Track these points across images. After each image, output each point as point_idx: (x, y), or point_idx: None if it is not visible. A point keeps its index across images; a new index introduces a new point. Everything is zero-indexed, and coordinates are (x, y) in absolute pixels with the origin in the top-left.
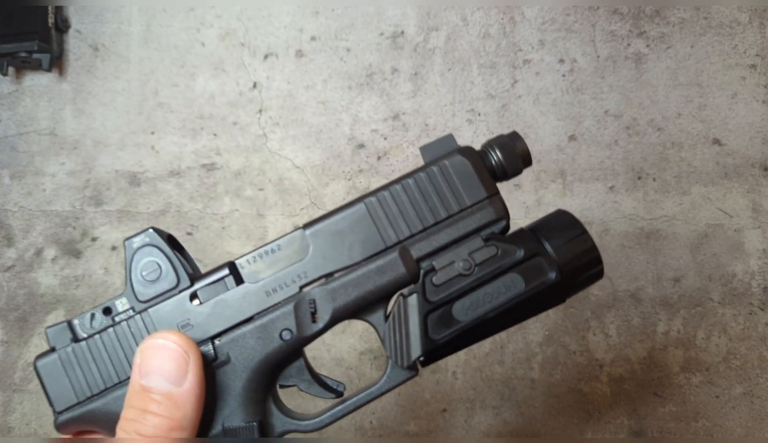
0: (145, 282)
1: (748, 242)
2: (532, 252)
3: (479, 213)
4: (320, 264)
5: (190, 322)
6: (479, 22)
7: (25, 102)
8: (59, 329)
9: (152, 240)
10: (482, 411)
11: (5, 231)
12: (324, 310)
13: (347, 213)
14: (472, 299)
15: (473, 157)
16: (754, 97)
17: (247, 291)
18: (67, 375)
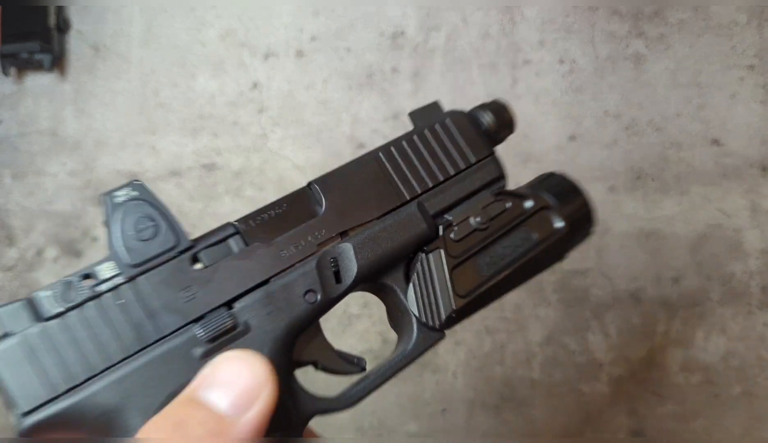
0: (136, 243)
1: (746, 242)
2: (541, 205)
3: (485, 169)
4: (336, 221)
5: (194, 289)
6: (479, 22)
7: (27, 102)
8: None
9: (141, 193)
10: (482, 411)
11: (7, 231)
12: (347, 269)
13: (358, 166)
14: (492, 253)
15: (471, 117)
16: (752, 98)
17: (258, 251)
18: (31, 364)
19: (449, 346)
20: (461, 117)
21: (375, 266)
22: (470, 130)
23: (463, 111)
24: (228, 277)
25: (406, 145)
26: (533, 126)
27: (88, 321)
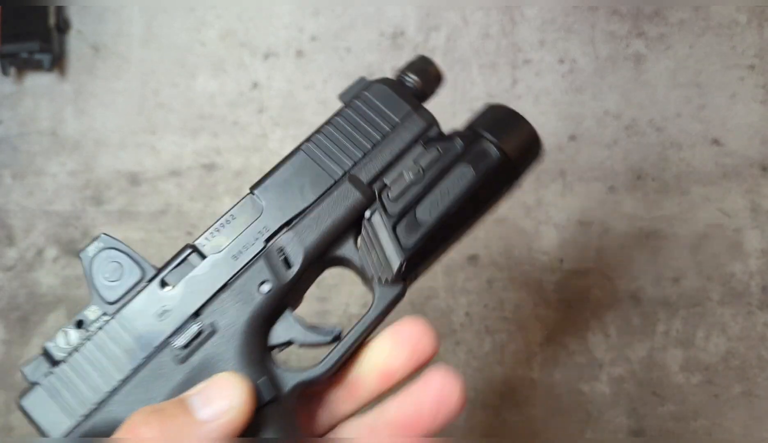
0: (110, 284)
1: (747, 242)
2: (471, 140)
3: (410, 124)
4: (278, 215)
5: (166, 308)
6: (479, 22)
7: (27, 102)
8: (35, 363)
9: (106, 243)
10: (482, 411)
11: (6, 231)
12: (295, 253)
13: (289, 163)
14: (431, 199)
15: (389, 82)
16: (752, 98)
17: (214, 261)
18: (55, 402)
19: (449, 346)
20: (380, 85)
21: (320, 244)
22: (390, 94)
23: (386, 78)
24: (192, 291)
25: (331, 127)
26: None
27: (88, 357)
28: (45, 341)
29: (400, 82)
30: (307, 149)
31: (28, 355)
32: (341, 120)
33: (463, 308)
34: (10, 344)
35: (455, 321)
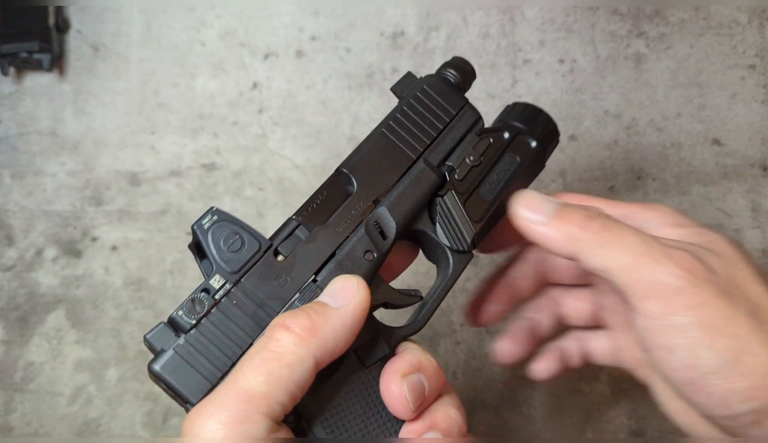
0: (232, 254)
1: (747, 242)
2: (514, 133)
3: (464, 117)
4: (369, 192)
5: (284, 276)
6: (479, 22)
7: (26, 102)
8: (159, 331)
9: (221, 215)
10: (482, 411)
11: (6, 231)
12: (388, 226)
13: (372, 143)
14: (490, 181)
15: (441, 77)
16: (753, 98)
17: (320, 233)
18: (191, 365)
19: (449, 346)
20: (434, 80)
21: (407, 217)
22: (443, 88)
23: (433, 74)
24: (305, 260)
25: (400, 115)
26: None
27: (216, 323)
28: (173, 310)
29: (443, 78)
30: (383, 133)
31: (27, 355)
32: (408, 109)
33: (463, 308)
34: (10, 344)
35: (455, 321)
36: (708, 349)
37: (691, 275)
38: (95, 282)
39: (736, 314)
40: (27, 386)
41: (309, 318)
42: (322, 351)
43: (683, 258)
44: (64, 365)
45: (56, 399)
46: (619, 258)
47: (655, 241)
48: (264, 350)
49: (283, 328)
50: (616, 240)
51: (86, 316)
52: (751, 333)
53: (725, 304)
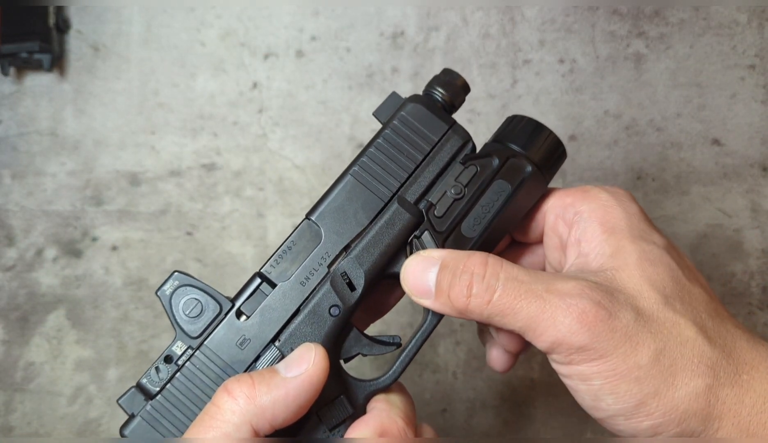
0: (191, 319)
1: (747, 242)
2: (505, 157)
3: (448, 143)
4: (337, 241)
5: (246, 337)
6: (479, 22)
7: (26, 102)
8: (130, 395)
9: (181, 280)
10: (482, 411)
11: (6, 231)
12: (357, 276)
13: (339, 189)
14: (474, 215)
15: (422, 100)
16: (752, 98)
17: (284, 289)
18: (156, 430)
19: (449, 346)
20: (415, 104)
21: (378, 265)
22: (425, 113)
23: (418, 95)
24: (268, 319)
25: (375, 150)
26: None
27: (180, 388)
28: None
29: (429, 98)
30: (355, 174)
31: (27, 355)
32: (383, 142)
33: None
34: (10, 344)
35: (455, 321)
36: (610, 396)
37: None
38: (95, 282)
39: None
40: (27, 386)
41: (251, 385)
42: (258, 419)
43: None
44: (64, 365)
45: (56, 399)
46: (516, 322)
47: (551, 293)
48: (205, 416)
49: (225, 392)
50: (508, 310)
51: (86, 316)
52: (656, 376)
53: (627, 350)
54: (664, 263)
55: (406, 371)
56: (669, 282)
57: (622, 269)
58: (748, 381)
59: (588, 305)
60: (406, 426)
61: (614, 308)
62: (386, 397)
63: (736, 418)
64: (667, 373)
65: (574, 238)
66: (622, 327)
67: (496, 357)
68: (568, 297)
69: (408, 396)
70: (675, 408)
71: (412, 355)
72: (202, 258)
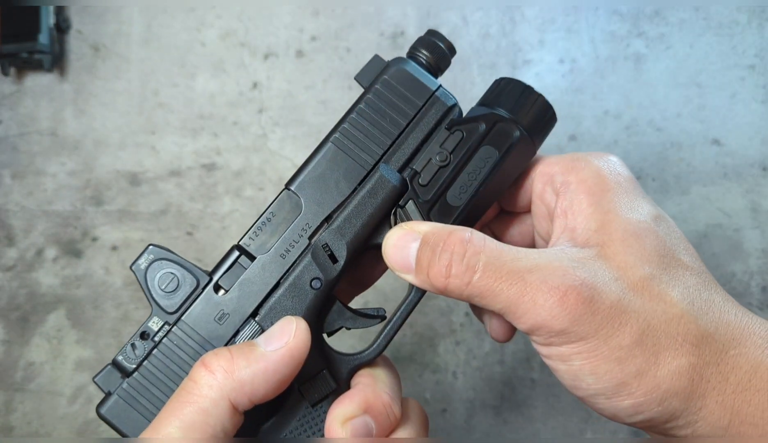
0: (167, 294)
1: (747, 242)
2: (492, 122)
3: (433, 108)
4: (317, 211)
5: (224, 312)
6: (479, 22)
7: (26, 102)
8: (106, 373)
9: (156, 254)
10: (482, 411)
11: (6, 231)
12: (339, 248)
13: (320, 157)
14: (460, 183)
15: (406, 63)
16: (752, 98)
17: (263, 262)
18: (134, 408)
19: (449, 346)
20: (398, 67)
21: (361, 237)
22: (409, 76)
23: (401, 58)
24: (247, 293)
25: (356, 116)
26: None
27: (158, 365)
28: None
29: (414, 60)
30: (336, 141)
31: (27, 355)
32: (365, 107)
33: (463, 308)
34: (10, 344)
35: (455, 321)
36: (590, 376)
37: (572, 311)
38: (95, 282)
39: (620, 340)
40: (27, 386)
41: (229, 359)
42: (236, 394)
43: (563, 293)
44: (65, 365)
45: (56, 399)
46: (497, 303)
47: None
48: (182, 391)
49: (202, 367)
50: (488, 292)
51: (86, 316)
52: (638, 356)
53: (609, 331)
54: (651, 236)
55: (405, 370)
56: (655, 257)
57: (608, 245)
58: (735, 358)
59: (570, 287)
60: (392, 400)
61: (597, 289)
62: (371, 372)
63: (720, 396)
64: (650, 353)
65: (560, 209)
66: (605, 308)
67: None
68: (549, 278)
69: (393, 370)
70: (657, 387)
71: (397, 328)
72: (202, 258)
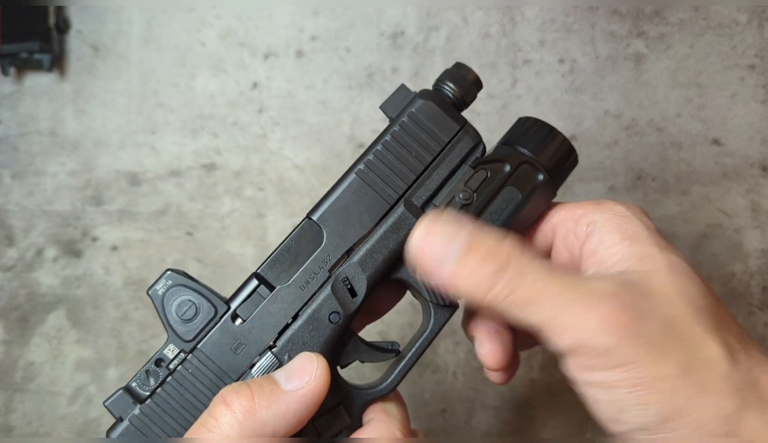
0: (185, 322)
1: (747, 242)
2: (517, 163)
3: (459, 145)
4: (339, 244)
5: (241, 342)
6: (479, 22)
7: (26, 102)
8: (118, 397)
9: (174, 280)
10: (482, 411)
11: (6, 231)
12: (359, 282)
13: (344, 188)
14: (482, 223)
15: (434, 96)
16: (752, 98)
17: (282, 293)
18: (145, 436)
19: (449, 346)
20: (426, 101)
21: (381, 271)
22: (437, 111)
23: (428, 91)
24: (265, 323)
25: (382, 148)
26: None
27: (172, 393)
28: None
29: (440, 94)
30: (360, 173)
31: (27, 355)
32: (391, 140)
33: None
34: (10, 344)
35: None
36: (636, 407)
37: (618, 330)
38: (95, 282)
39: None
40: (27, 386)
41: (251, 398)
42: (258, 434)
43: (610, 310)
44: (65, 365)
45: (56, 399)
46: (538, 315)
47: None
48: (201, 427)
49: (222, 404)
50: (532, 301)
51: (86, 316)
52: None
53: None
54: (693, 277)
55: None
56: (700, 297)
57: (653, 275)
58: None
59: (615, 307)
60: (404, 437)
61: (642, 313)
62: (383, 407)
63: None
64: (695, 389)
65: (589, 249)
66: (649, 333)
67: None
68: (594, 296)
69: (403, 404)
70: (701, 426)
71: (412, 364)
72: (202, 258)
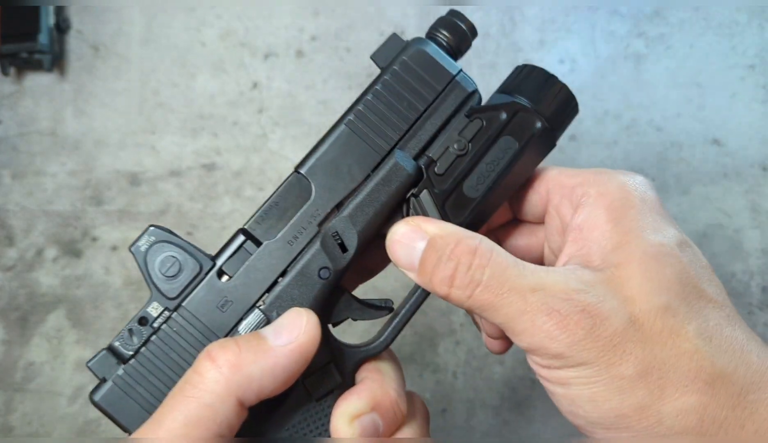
0: (168, 279)
1: (747, 242)
2: (514, 111)
3: (452, 93)
4: (328, 197)
5: (228, 299)
6: (479, 22)
7: (26, 102)
8: (101, 358)
9: (157, 236)
10: (482, 411)
11: (6, 231)
12: (349, 237)
13: (333, 140)
14: (478, 174)
15: (426, 43)
16: (752, 98)
17: (270, 248)
18: (129, 396)
19: (449, 346)
20: (418, 49)
21: (372, 226)
22: (430, 58)
23: (421, 38)
24: (252, 280)
25: (372, 97)
26: None
27: (156, 352)
28: (111, 339)
29: (433, 41)
30: (350, 123)
31: (27, 355)
32: (382, 89)
33: None
34: (10, 344)
35: (455, 321)
36: (588, 403)
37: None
38: (95, 282)
39: (622, 370)
40: (27, 386)
41: (237, 353)
42: (245, 390)
43: (565, 317)
44: (65, 365)
45: (56, 399)
46: (495, 317)
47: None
48: (186, 385)
49: (208, 360)
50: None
51: (86, 316)
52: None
53: (611, 359)
54: (673, 261)
55: (405, 370)
56: (674, 285)
57: (623, 266)
58: (754, 403)
59: (572, 311)
60: (399, 397)
61: (601, 315)
62: (377, 366)
63: None
64: (655, 386)
65: (576, 223)
66: (607, 335)
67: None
68: (551, 300)
69: (398, 364)
70: (659, 422)
71: (406, 320)
72: None
